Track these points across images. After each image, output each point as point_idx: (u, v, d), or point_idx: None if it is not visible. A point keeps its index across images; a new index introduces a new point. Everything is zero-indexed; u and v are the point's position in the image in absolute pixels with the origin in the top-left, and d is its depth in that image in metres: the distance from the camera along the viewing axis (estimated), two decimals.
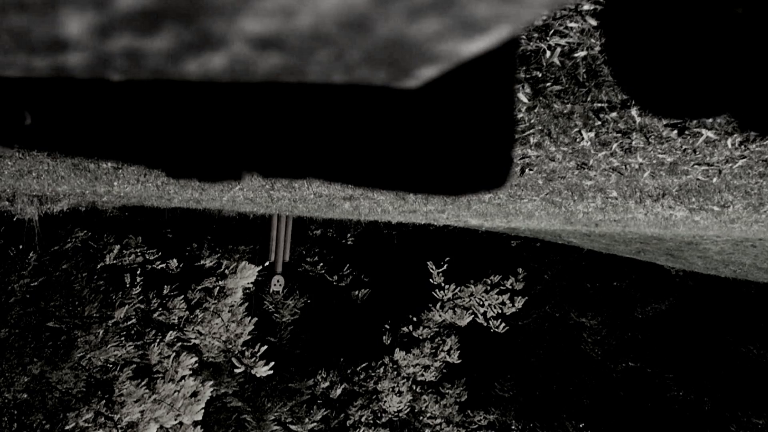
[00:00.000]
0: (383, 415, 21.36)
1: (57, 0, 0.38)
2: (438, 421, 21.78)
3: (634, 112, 3.14)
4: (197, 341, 15.17)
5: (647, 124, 3.25)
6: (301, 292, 22.16)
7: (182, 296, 15.10)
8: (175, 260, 16.11)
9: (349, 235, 24.07)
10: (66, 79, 0.49)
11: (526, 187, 5.24)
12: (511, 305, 21.30)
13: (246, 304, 16.55)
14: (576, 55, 2.95)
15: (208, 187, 7.62)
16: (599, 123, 3.36)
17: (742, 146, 3.37)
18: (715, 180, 4.03)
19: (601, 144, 3.62)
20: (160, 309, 14.75)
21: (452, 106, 0.79)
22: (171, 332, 14.50)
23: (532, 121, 3.53)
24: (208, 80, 0.48)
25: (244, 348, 16.55)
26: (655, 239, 12.39)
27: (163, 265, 15.87)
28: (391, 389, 21.21)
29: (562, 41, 2.91)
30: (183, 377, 14.19)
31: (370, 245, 24.26)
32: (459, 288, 21.60)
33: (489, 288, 21.55)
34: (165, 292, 15.01)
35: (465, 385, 21.95)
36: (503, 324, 21.03)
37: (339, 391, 21.25)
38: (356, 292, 23.08)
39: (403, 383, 21.36)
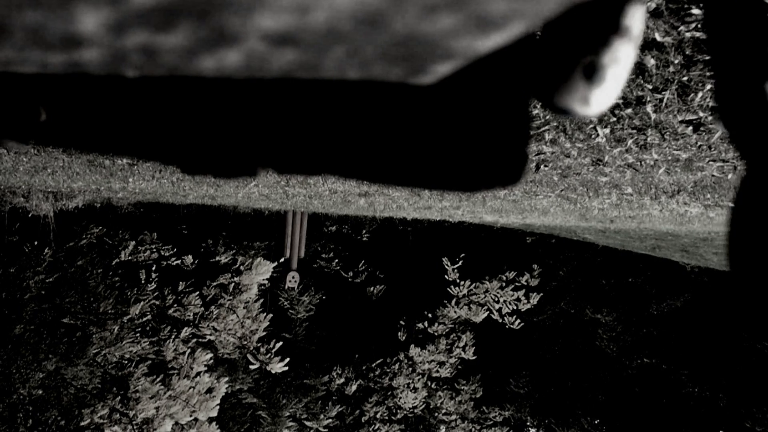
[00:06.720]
0: (398, 411, 21.38)
1: None
2: (453, 417, 21.79)
3: (649, 108, 3.13)
4: (212, 337, 15.21)
5: (662, 120, 3.23)
6: (317, 289, 22.19)
7: (197, 292, 15.12)
8: (190, 256, 16.15)
9: (364, 231, 24.06)
10: (81, 75, 0.49)
11: (541, 184, 5.24)
12: (526, 302, 21.27)
13: (261, 300, 16.55)
14: None
15: (224, 184, 7.65)
16: (614, 119, 3.35)
17: None
18: (730, 176, 4.01)
19: (616, 140, 3.61)
20: (176, 305, 14.78)
21: (467, 102, 0.79)
22: (186, 328, 14.54)
23: (547, 117, 3.53)
24: (223, 77, 0.49)
25: (259, 344, 16.55)
26: (670, 235, 12.35)
27: (179, 262, 15.91)
28: (406, 385, 21.22)
29: None
30: (198, 373, 14.22)
31: (385, 242, 24.26)
32: (474, 284, 21.58)
33: (504, 284, 21.53)
34: (180, 288, 15.04)
35: (480, 381, 21.92)
36: (518, 320, 21.02)
37: (354, 388, 21.28)
38: (371, 289, 23.10)
39: (418, 379, 21.37)
